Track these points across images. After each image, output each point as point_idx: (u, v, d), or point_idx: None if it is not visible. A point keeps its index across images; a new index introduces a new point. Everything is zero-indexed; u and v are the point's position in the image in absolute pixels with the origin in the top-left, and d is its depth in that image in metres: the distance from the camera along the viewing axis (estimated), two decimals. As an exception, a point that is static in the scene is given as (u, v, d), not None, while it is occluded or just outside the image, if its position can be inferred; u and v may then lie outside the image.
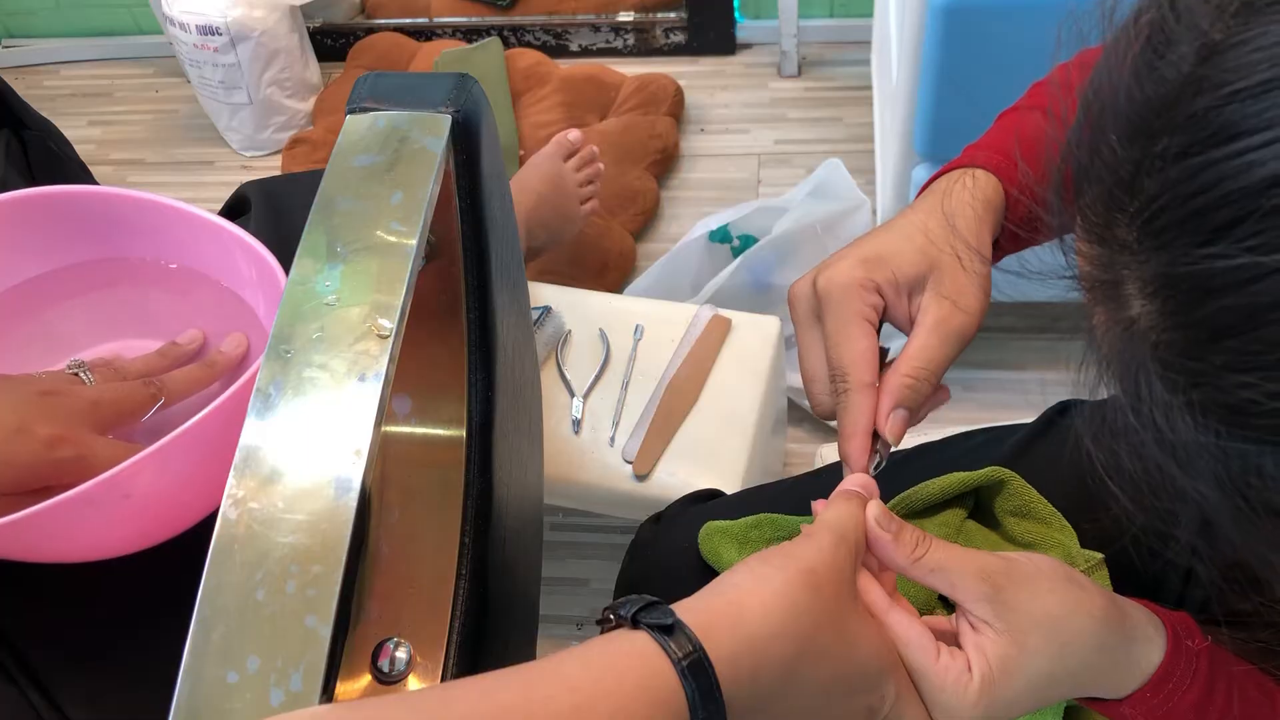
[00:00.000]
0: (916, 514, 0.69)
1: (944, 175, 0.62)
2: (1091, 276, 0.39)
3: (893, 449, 0.57)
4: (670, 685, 0.40)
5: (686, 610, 0.43)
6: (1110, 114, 0.37)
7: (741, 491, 0.84)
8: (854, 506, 0.50)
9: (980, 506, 0.72)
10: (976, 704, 0.47)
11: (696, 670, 0.40)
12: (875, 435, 0.57)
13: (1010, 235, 0.61)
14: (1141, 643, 0.50)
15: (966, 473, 0.69)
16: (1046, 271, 0.46)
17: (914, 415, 0.57)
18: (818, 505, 0.52)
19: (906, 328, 0.58)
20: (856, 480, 0.53)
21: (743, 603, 0.43)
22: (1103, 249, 0.37)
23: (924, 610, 0.62)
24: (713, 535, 0.72)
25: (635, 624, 0.42)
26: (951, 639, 0.49)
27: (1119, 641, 0.49)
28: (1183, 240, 0.33)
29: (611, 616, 0.44)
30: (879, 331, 0.59)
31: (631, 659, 0.41)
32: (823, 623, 0.44)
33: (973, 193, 0.59)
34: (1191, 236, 0.33)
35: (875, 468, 0.56)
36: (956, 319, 0.56)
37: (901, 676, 0.48)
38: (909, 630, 0.48)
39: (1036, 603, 0.48)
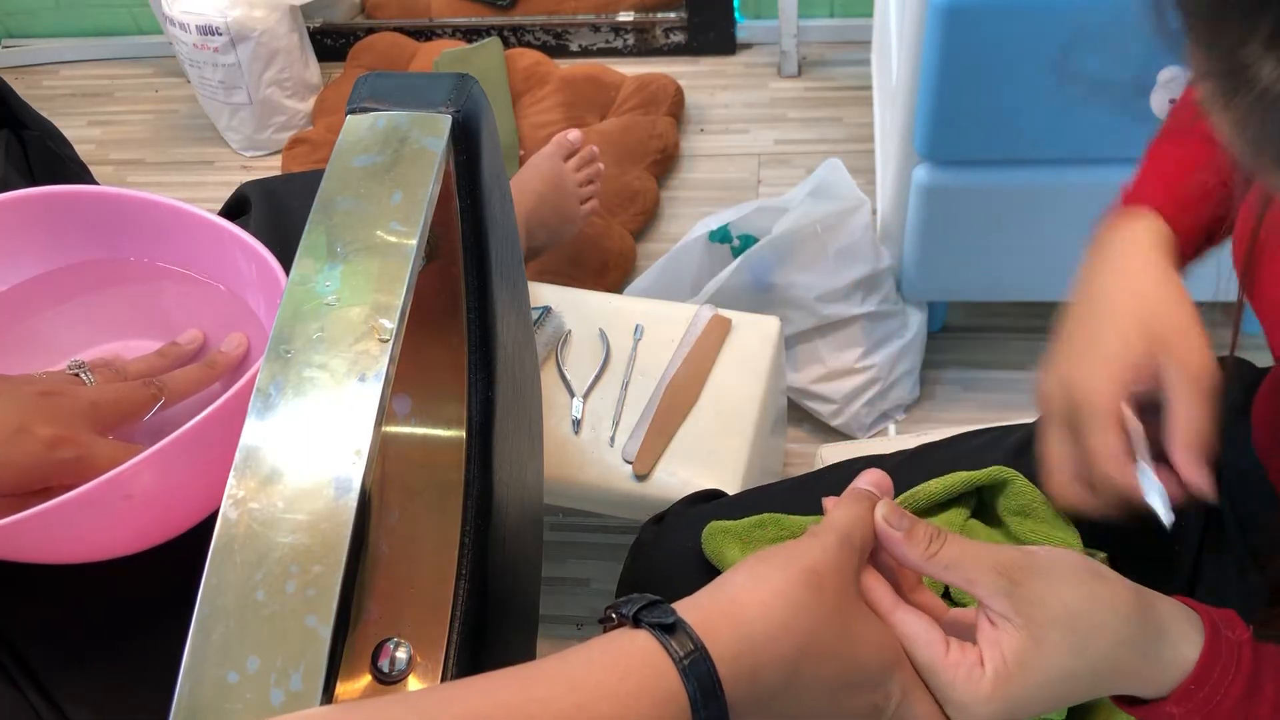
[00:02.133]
0: (919, 514, 0.69)
1: (1117, 224, 0.65)
2: (1210, 72, 0.37)
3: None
4: (672, 685, 0.40)
5: (687, 609, 0.43)
6: None
7: (744, 492, 0.84)
8: (863, 508, 0.49)
9: (983, 506, 0.72)
10: (990, 699, 0.46)
11: (698, 669, 0.40)
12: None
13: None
14: (1174, 637, 0.49)
15: (969, 472, 0.69)
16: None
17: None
18: (829, 503, 0.52)
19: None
20: (870, 478, 0.52)
21: (743, 601, 0.43)
22: (1224, 37, 0.36)
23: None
24: (716, 535, 0.73)
25: (637, 623, 0.42)
26: (972, 632, 0.49)
27: (1146, 635, 0.48)
28: None
29: (613, 615, 0.44)
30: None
31: (632, 658, 0.41)
32: (824, 622, 0.44)
33: (1156, 250, 0.63)
34: None
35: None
36: (1205, 382, 0.59)
37: (908, 674, 0.47)
38: (914, 626, 0.47)
39: (1056, 597, 0.47)
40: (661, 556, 0.78)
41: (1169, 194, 0.64)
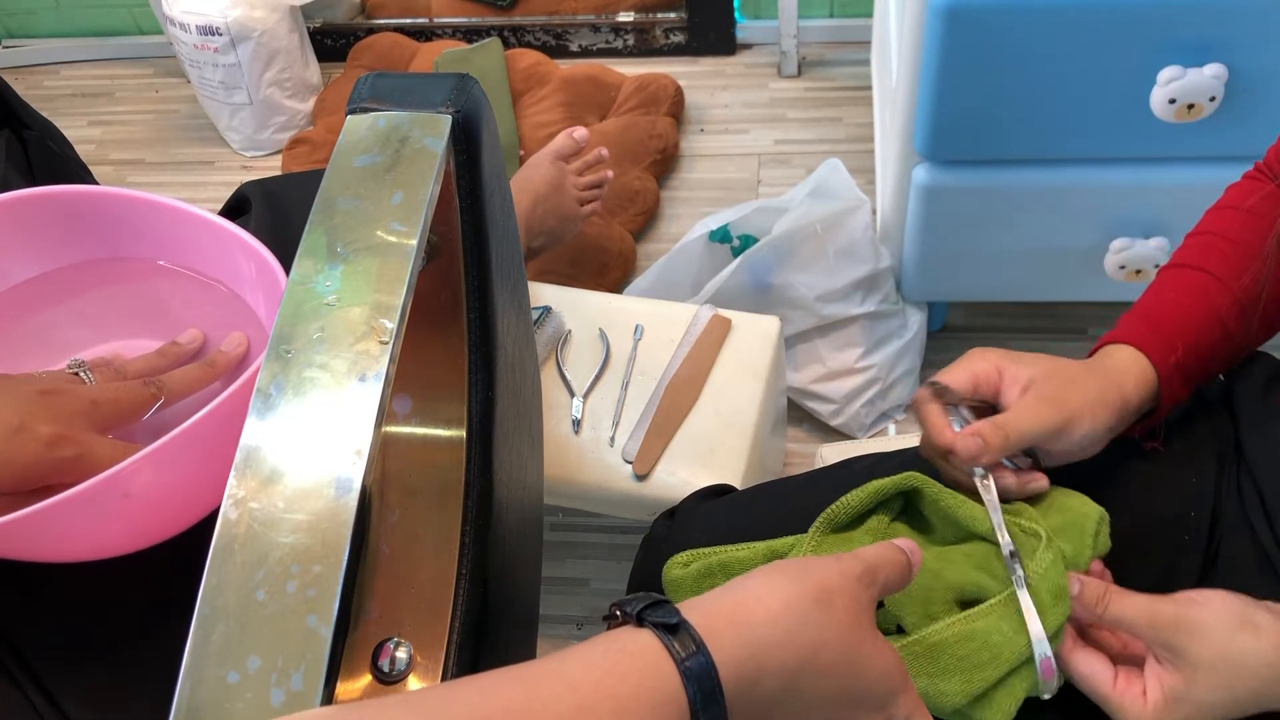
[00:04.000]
0: (843, 527, 0.68)
1: (1115, 345, 0.70)
2: None
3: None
4: (672, 686, 0.40)
5: (692, 610, 0.43)
6: None
7: (754, 487, 0.84)
8: (895, 554, 0.52)
9: (910, 506, 0.71)
10: None
11: (699, 671, 0.40)
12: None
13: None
14: None
15: (881, 480, 0.69)
16: None
17: (985, 457, 0.65)
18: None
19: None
20: (908, 544, 0.55)
21: (750, 607, 0.43)
22: None
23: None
24: (669, 585, 0.72)
25: (640, 622, 0.42)
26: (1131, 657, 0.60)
27: None
28: None
29: (618, 613, 0.44)
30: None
31: (634, 659, 0.41)
32: (829, 641, 0.44)
33: (1134, 374, 0.68)
34: None
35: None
36: (1049, 410, 0.64)
37: (912, 699, 0.48)
38: (1088, 665, 0.58)
39: (1206, 646, 0.55)
40: (673, 551, 0.78)
41: (1165, 339, 0.70)
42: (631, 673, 0.40)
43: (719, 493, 0.86)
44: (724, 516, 0.78)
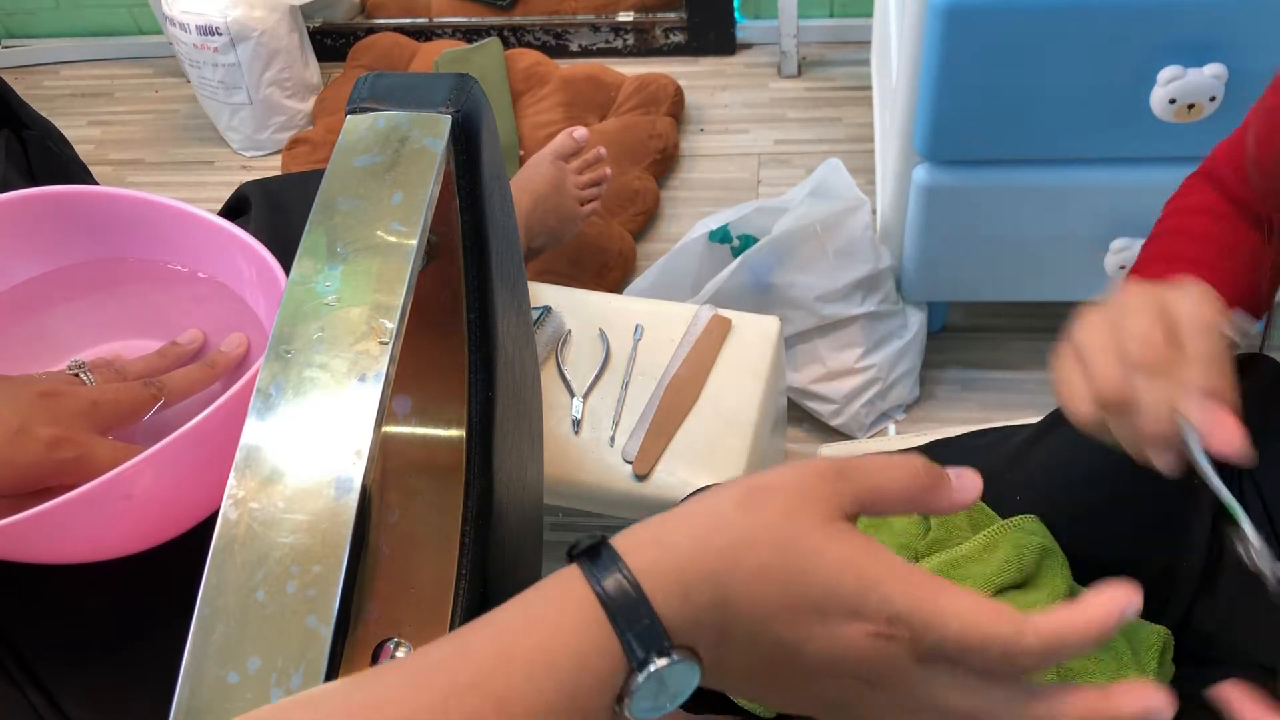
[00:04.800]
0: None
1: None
2: None
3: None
4: (591, 605, 0.38)
5: (621, 536, 0.41)
6: None
7: None
8: (900, 460, 0.43)
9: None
10: None
11: (617, 591, 0.38)
12: None
13: None
14: None
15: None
16: None
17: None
18: None
19: None
20: (965, 471, 0.45)
21: (676, 523, 0.41)
22: None
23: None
24: None
25: (571, 558, 0.41)
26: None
27: None
28: None
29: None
30: None
31: (555, 591, 0.39)
32: (758, 538, 0.40)
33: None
34: None
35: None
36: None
37: (906, 586, 0.39)
38: None
39: None
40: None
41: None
42: (552, 602, 0.39)
43: (719, 492, 0.86)
44: None
